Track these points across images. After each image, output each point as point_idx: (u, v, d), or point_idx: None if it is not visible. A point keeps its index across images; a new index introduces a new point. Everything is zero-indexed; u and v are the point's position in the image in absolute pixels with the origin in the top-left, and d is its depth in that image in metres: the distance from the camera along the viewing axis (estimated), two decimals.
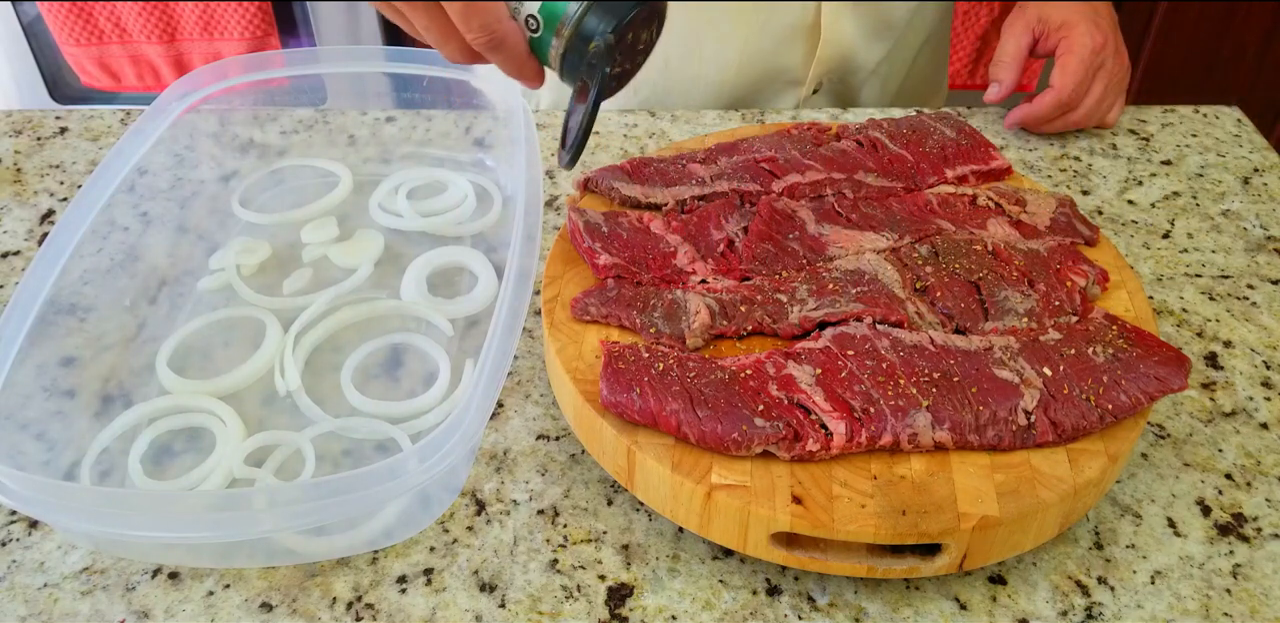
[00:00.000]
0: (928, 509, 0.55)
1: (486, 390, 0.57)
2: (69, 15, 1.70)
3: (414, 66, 0.82)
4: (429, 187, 0.88)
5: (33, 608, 0.58)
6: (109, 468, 0.65)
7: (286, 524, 0.54)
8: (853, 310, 0.64)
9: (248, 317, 0.75)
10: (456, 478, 0.64)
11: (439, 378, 0.70)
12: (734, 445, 0.57)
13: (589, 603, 0.59)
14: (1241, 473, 0.67)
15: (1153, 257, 0.84)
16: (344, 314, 0.75)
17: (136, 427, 0.67)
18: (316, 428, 0.67)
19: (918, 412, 0.58)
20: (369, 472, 0.53)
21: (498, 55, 0.62)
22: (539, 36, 0.60)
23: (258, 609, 0.58)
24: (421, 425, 0.67)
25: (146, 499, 0.57)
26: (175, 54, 1.76)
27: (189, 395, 0.69)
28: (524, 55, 0.61)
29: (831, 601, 0.59)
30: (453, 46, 0.63)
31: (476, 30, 0.60)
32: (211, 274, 0.79)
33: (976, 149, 0.80)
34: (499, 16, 0.60)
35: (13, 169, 0.92)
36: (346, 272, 0.80)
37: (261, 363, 0.71)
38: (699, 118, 0.99)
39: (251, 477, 0.64)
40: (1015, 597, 0.59)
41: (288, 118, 0.94)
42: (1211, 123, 1.00)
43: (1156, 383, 0.61)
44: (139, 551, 0.60)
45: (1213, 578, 0.60)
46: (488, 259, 0.80)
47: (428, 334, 0.74)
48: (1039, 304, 0.66)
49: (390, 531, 0.61)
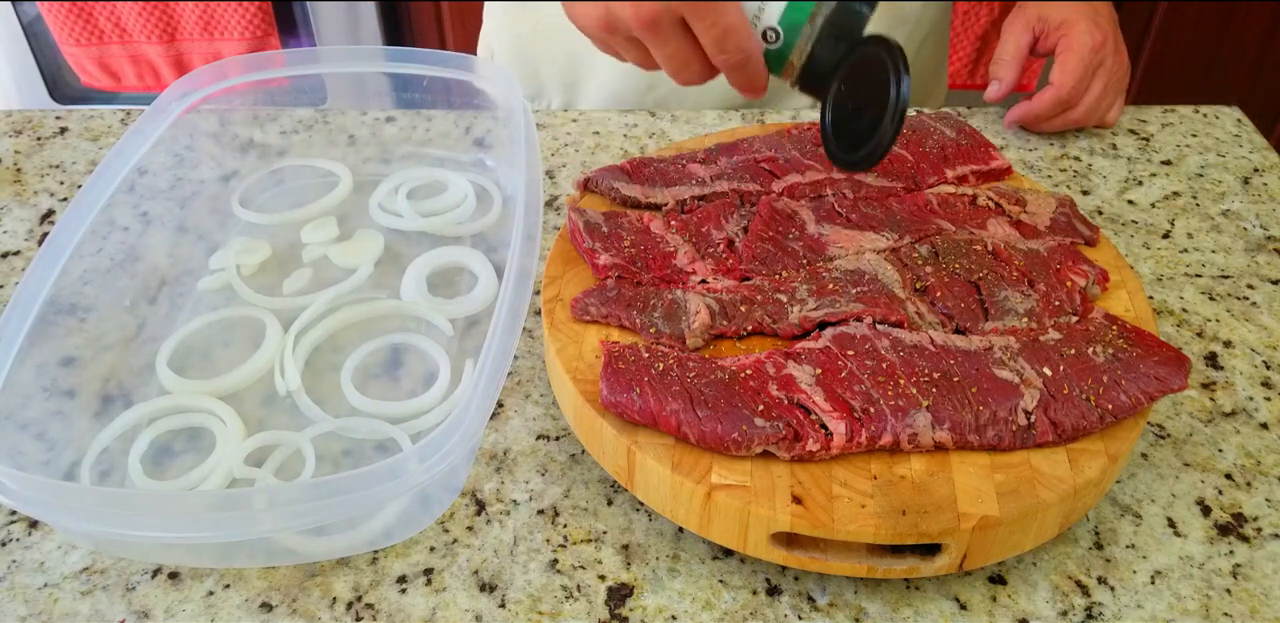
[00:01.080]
0: (928, 509, 0.55)
1: (486, 390, 0.57)
2: (69, 15, 1.70)
3: (414, 66, 0.82)
4: (429, 187, 0.88)
5: (33, 608, 0.58)
6: (109, 468, 0.65)
7: (286, 524, 0.53)
8: (853, 310, 0.64)
9: (248, 317, 0.75)
10: (456, 478, 0.64)
11: (439, 378, 0.70)
12: (734, 445, 0.57)
13: (589, 603, 0.59)
14: (1241, 473, 0.67)
15: (1153, 257, 0.84)
16: (344, 314, 0.75)
17: (136, 427, 0.67)
18: (316, 428, 0.67)
19: (918, 412, 0.58)
20: (369, 472, 0.53)
21: (741, 72, 0.63)
22: (776, 48, 0.63)
23: (258, 609, 0.58)
24: (421, 425, 0.67)
25: (146, 499, 0.57)
26: (175, 54, 1.76)
27: (189, 395, 0.69)
28: (763, 68, 0.63)
29: (831, 601, 0.59)
30: (693, 70, 0.64)
31: (731, 51, 0.61)
32: (211, 274, 0.79)
33: (976, 149, 0.80)
34: (749, 34, 0.61)
35: (13, 169, 0.92)
36: (346, 272, 0.80)
37: (261, 363, 0.71)
38: (699, 118, 0.99)
39: (251, 477, 0.64)
40: (1015, 597, 0.59)
41: (288, 118, 0.94)
42: (1211, 123, 1.00)
43: (1156, 383, 0.61)
44: (139, 551, 0.60)
45: (1213, 578, 0.60)
46: (488, 259, 0.80)
47: (428, 334, 0.74)
48: (1039, 304, 0.66)
49: (390, 531, 0.61)
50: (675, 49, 0.63)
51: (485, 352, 0.59)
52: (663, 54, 0.64)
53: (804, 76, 0.64)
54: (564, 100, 1.09)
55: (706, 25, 0.61)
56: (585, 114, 0.99)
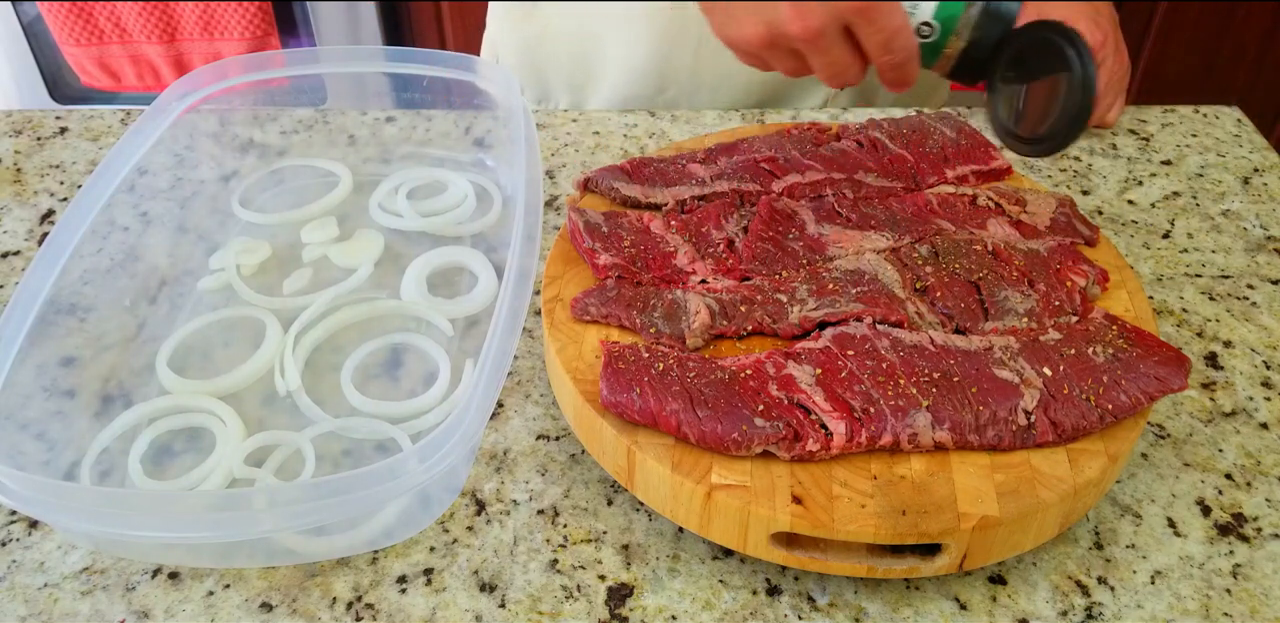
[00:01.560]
0: (928, 509, 0.55)
1: (486, 390, 0.57)
2: (69, 15, 1.70)
3: (414, 66, 0.82)
4: (429, 187, 0.87)
5: (33, 608, 0.58)
6: (109, 468, 0.65)
7: (286, 524, 0.53)
8: (853, 310, 0.64)
9: (248, 317, 0.75)
10: (456, 478, 0.64)
11: (439, 378, 0.70)
12: (734, 445, 0.57)
13: (589, 603, 0.59)
14: (1241, 473, 0.67)
15: (1153, 257, 0.84)
16: (344, 314, 0.75)
17: (136, 427, 0.67)
18: (316, 428, 0.67)
19: (918, 412, 0.58)
20: (369, 472, 0.53)
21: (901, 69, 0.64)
22: (931, 41, 0.65)
23: (258, 609, 0.58)
24: (421, 425, 0.67)
25: (146, 499, 0.57)
26: (175, 54, 1.76)
27: (189, 395, 0.69)
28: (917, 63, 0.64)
29: (831, 601, 0.59)
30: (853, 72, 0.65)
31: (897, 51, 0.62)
32: (211, 274, 0.79)
33: (976, 149, 0.80)
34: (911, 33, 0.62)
35: (13, 169, 0.92)
36: (346, 272, 0.80)
37: (261, 363, 0.71)
38: (699, 118, 0.99)
39: (251, 477, 0.64)
40: (1015, 597, 0.59)
41: (288, 118, 0.94)
42: (1211, 123, 1.00)
43: (1156, 383, 0.61)
44: (139, 550, 0.60)
45: (1213, 578, 0.60)
46: (488, 259, 0.80)
47: (428, 334, 0.74)
48: (1039, 304, 0.66)
49: (390, 531, 0.61)
50: (837, 55, 0.63)
51: (485, 352, 0.59)
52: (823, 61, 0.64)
53: (960, 65, 0.67)
54: (571, 102, 1.08)
55: (875, 30, 0.62)
56: (585, 114, 0.99)
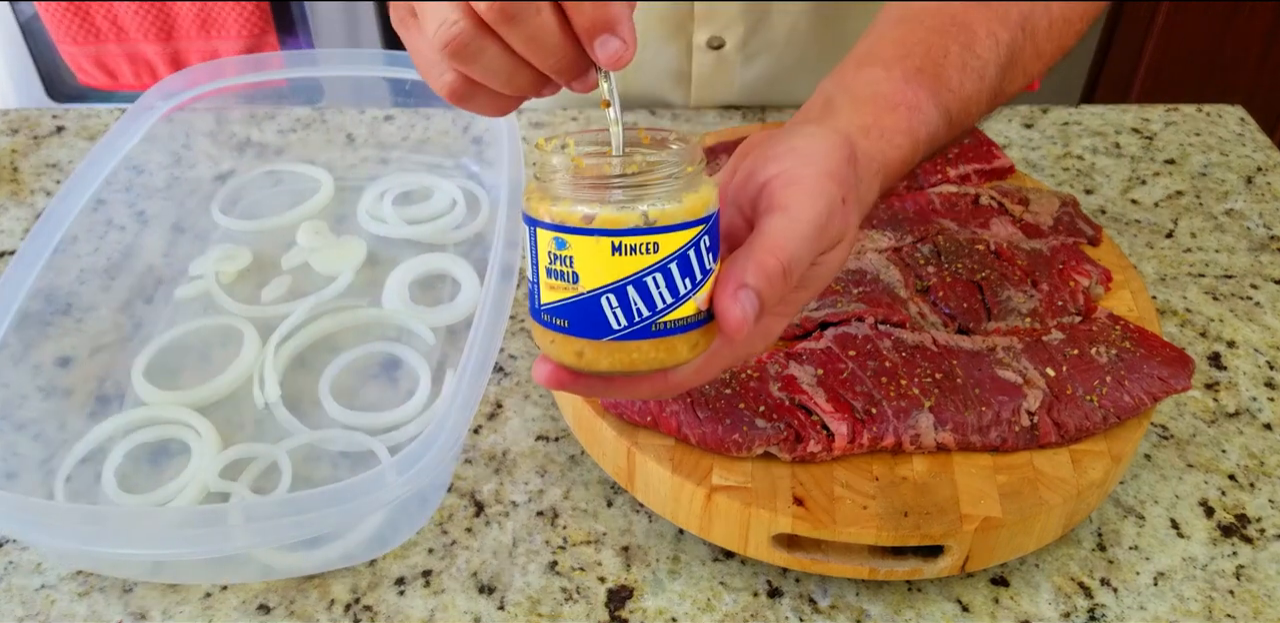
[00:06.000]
0: (930, 511, 0.55)
1: (465, 402, 0.56)
2: (66, 14, 1.69)
3: (413, 70, 0.82)
4: (416, 193, 0.85)
5: (30, 609, 0.58)
6: (82, 484, 0.63)
7: (262, 540, 0.52)
8: (855, 311, 0.64)
9: (226, 326, 0.73)
10: (439, 489, 0.63)
11: (419, 388, 0.69)
12: (735, 447, 0.56)
13: (589, 605, 0.58)
14: (1245, 474, 0.66)
15: (1156, 256, 0.83)
16: (324, 323, 0.73)
17: (111, 439, 0.65)
18: (294, 440, 0.65)
19: (920, 412, 0.58)
20: (345, 486, 0.52)
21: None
22: None
23: (255, 611, 0.58)
24: (401, 437, 0.66)
25: (118, 516, 0.55)
26: (172, 52, 1.76)
27: (164, 407, 0.67)
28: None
29: (833, 603, 0.59)
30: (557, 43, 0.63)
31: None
32: (190, 281, 0.77)
33: (979, 148, 0.79)
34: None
35: (9, 168, 0.92)
36: (327, 279, 0.77)
37: (239, 373, 0.69)
38: (699, 117, 0.98)
39: (227, 490, 0.62)
40: (1018, 599, 0.59)
41: (286, 116, 0.94)
42: (1215, 122, 1.00)
43: (1160, 383, 0.60)
44: (110, 566, 0.59)
45: (1216, 579, 0.60)
46: (471, 267, 0.78)
47: (409, 343, 0.73)
48: (1042, 304, 0.65)
49: (370, 543, 0.60)
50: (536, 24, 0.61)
51: (464, 363, 0.57)
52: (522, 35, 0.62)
53: None
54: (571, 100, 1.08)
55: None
56: (584, 113, 0.99)
